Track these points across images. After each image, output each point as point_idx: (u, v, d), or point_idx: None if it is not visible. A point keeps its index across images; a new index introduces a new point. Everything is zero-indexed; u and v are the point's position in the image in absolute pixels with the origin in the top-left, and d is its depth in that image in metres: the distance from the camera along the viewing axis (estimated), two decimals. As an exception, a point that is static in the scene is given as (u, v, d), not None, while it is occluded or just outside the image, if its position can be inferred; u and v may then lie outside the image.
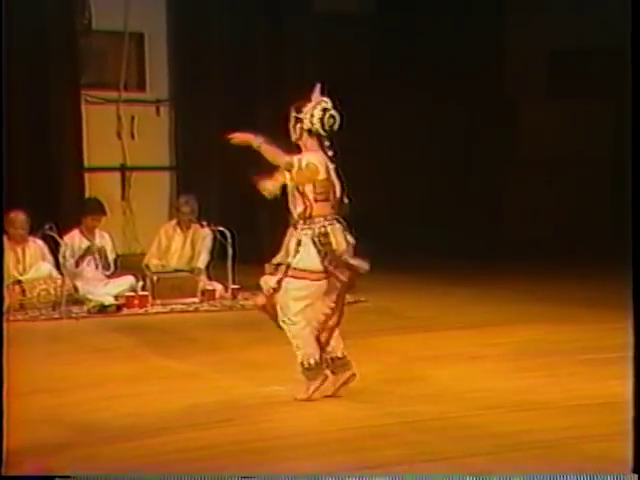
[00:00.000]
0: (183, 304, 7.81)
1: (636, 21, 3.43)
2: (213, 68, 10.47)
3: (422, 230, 10.58)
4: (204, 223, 8.31)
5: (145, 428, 4.36)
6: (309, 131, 4.72)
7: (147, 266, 8.20)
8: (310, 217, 4.69)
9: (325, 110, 4.70)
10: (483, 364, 5.66)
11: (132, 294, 7.77)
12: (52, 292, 7.61)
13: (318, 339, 4.80)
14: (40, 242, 7.88)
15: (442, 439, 4.18)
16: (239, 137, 4.76)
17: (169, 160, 11.23)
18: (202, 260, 8.21)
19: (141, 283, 7.89)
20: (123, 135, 10.85)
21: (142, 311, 7.66)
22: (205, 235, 8.24)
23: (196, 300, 7.88)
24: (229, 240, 8.06)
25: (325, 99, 4.75)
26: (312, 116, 4.69)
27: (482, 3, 10.64)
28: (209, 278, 8.21)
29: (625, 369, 3.67)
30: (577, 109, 11.27)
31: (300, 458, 3.95)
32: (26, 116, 9.86)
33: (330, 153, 4.74)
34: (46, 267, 7.82)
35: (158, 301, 7.79)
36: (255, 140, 4.67)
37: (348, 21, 11.24)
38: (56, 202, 9.74)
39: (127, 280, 7.98)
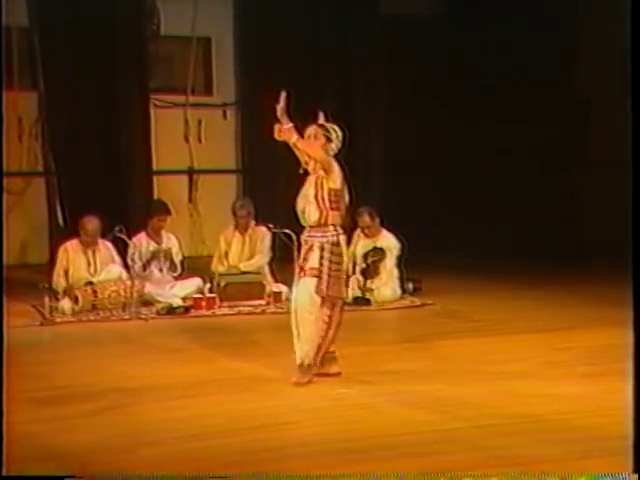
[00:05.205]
0: (250, 306, 7.84)
1: (636, 21, 3.34)
2: (279, 71, 10.51)
3: (489, 232, 10.45)
4: (270, 225, 8.32)
5: (213, 429, 4.38)
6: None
7: (214, 273, 8.26)
8: (325, 224, 5.07)
9: (342, 133, 5.20)
10: (555, 369, 5.56)
11: (199, 296, 7.83)
12: (122, 293, 7.71)
13: (319, 345, 5.10)
14: (109, 244, 7.99)
15: (512, 444, 4.11)
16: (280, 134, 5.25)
17: (235, 163, 11.32)
18: (263, 258, 8.24)
19: (208, 285, 7.95)
20: (190, 138, 10.98)
21: (209, 313, 7.71)
22: (264, 234, 8.26)
23: (263, 302, 7.90)
24: (295, 242, 8.05)
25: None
26: (337, 138, 5.17)
27: (554, 2, 10.44)
28: (275, 280, 8.22)
29: None
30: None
31: (367, 461, 3.91)
32: (97, 120, 10.05)
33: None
34: (116, 269, 7.94)
35: (225, 303, 7.84)
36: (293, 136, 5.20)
37: (415, 23, 11.15)
38: (125, 204, 9.91)
39: (194, 282, 8.06)
